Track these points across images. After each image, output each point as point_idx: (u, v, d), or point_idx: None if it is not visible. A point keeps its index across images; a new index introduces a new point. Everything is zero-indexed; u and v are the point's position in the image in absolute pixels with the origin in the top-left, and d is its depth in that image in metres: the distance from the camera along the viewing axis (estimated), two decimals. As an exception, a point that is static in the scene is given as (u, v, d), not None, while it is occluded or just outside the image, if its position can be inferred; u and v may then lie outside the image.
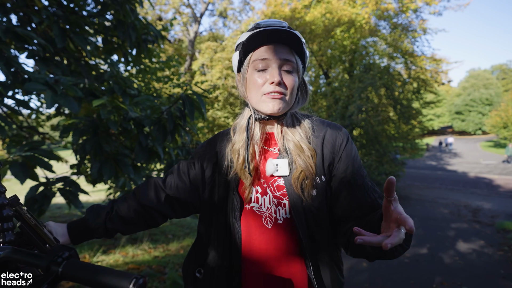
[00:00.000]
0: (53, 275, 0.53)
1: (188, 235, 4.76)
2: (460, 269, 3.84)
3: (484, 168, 17.31)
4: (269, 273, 0.91)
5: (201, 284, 0.98)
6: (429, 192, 10.89)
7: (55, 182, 1.98)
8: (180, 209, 1.05)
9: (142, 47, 2.89)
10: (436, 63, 12.08)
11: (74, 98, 1.85)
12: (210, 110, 13.11)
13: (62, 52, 2.48)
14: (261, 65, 0.84)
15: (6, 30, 1.75)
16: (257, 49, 0.85)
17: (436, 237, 5.32)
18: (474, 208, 8.04)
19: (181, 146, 2.50)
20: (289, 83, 0.85)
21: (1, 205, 0.69)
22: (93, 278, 0.52)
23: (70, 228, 0.94)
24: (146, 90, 4.57)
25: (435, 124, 42.42)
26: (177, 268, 3.35)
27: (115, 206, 0.99)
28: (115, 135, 2.23)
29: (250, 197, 0.93)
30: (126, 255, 3.68)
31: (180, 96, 2.03)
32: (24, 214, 0.74)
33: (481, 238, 5.20)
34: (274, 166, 0.91)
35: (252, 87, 0.87)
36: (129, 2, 2.63)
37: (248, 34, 0.85)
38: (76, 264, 0.54)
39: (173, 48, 15.01)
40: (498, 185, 12.16)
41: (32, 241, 0.74)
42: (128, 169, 2.07)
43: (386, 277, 3.54)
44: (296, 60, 0.86)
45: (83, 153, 2.03)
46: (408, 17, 11.52)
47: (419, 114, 12.09)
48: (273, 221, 0.91)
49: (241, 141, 0.95)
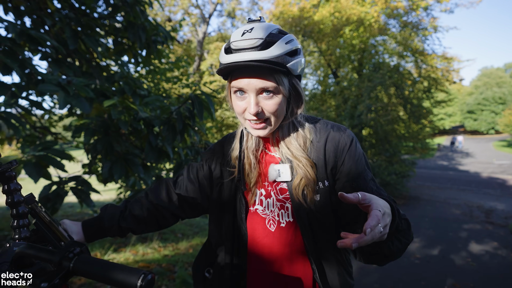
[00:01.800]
0: (64, 270, 0.55)
1: (197, 234, 4.79)
2: (472, 271, 3.77)
3: (497, 168, 16.93)
4: (274, 274, 0.91)
5: (210, 284, 0.99)
6: (441, 192, 10.71)
7: (67, 181, 2.01)
8: (190, 209, 1.07)
9: (151, 48, 2.92)
10: (447, 62, 11.86)
11: (86, 98, 1.88)
12: (218, 110, 13.14)
13: (74, 53, 2.52)
14: (238, 93, 0.84)
15: (21, 33, 1.78)
16: (234, 76, 0.83)
17: (448, 238, 5.23)
18: (487, 209, 7.87)
19: (190, 146, 2.51)
20: (269, 108, 0.82)
21: (16, 202, 0.71)
22: (103, 273, 0.53)
23: (85, 226, 0.95)
24: (155, 90, 4.61)
25: (446, 123, 41.68)
26: (187, 267, 3.38)
27: (129, 206, 1.01)
28: (125, 135, 2.25)
29: (254, 200, 0.94)
30: (137, 254, 3.72)
31: (189, 96, 2.04)
32: (39, 212, 0.75)
33: (494, 240, 5.09)
34: (276, 172, 0.91)
35: (236, 110, 0.87)
36: (139, 3, 2.66)
37: (223, 58, 0.81)
38: (86, 260, 0.55)
39: (182, 49, 15.11)
40: (511, 186, 11.88)
41: (47, 238, 0.76)
42: (138, 169, 2.09)
43: (396, 279, 3.49)
44: (276, 79, 0.80)
45: (94, 152, 2.06)
46: (419, 15, 11.34)
47: (430, 113, 11.88)
48: (276, 224, 0.91)
49: (238, 149, 0.96)
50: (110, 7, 2.61)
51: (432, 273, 3.69)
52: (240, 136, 0.97)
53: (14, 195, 0.71)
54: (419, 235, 5.32)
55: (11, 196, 0.71)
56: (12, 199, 0.71)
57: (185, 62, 5.41)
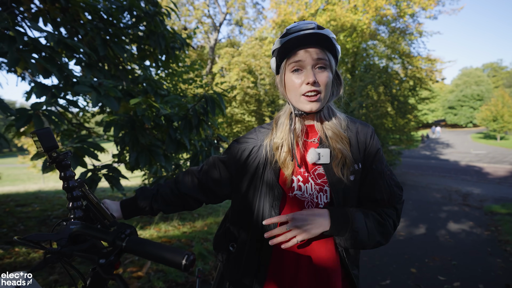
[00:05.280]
0: (118, 248, 0.56)
1: (211, 214, 4.85)
2: (450, 246, 3.76)
3: (474, 157, 16.66)
4: (300, 252, 0.88)
5: (234, 256, 0.98)
6: (423, 178, 10.61)
7: (100, 169, 2.05)
8: (212, 196, 1.03)
9: (170, 53, 2.92)
10: (431, 63, 11.59)
11: (115, 98, 1.90)
12: (228, 108, 13.12)
13: (103, 59, 2.54)
14: (296, 68, 0.82)
15: (58, 41, 1.80)
16: (291, 53, 0.82)
17: (429, 218, 5.20)
18: (464, 193, 7.79)
19: (205, 138, 2.53)
20: (323, 80, 0.81)
21: (71, 187, 0.73)
22: (152, 252, 0.53)
23: (123, 205, 0.96)
24: (174, 90, 4.62)
25: (429, 118, 40.91)
26: (202, 242, 3.43)
27: (160, 189, 1.01)
28: (149, 129, 2.28)
29: (293, 186, 0.89)
30: (159, 230, 3.79)
31: (203, 96, 2.05)
32: (88, 194, 0.77)
33: (470, 220, 5.06)
34: (316, 155, 0.86)
35: (291, 88, 0.84)
36: (159, 14, 2.65)
37: (281, 41, 0.82)
38: (136, 240, 0.56)
39: (196, 54, 15.03)
40: (487, 173, 11.71)
41: (95, 217, 0.78)
42: (160, 158, 2.12)
43: (383, 252, 3.51)
44: (328, 57, 0.82)
45: (122, 144, 2.09)
46: (406, 21, 11.06)
47: (415, 109, 11.69)
48: (315, 205, 0.88)
49: (283, 136, 0.90)
50: (134, 18, 2.61)
51: (414, 248, 3.69)
52: (289, 124, 0.91)
53: (69, 181, 0.73)
54: (404, 216, 5.30)
55: (67, 182, 0.73)
56: (68, 185, 0.73)
57: (199, 66, 5.40)
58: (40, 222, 3.92)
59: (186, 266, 0.50)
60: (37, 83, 1.86)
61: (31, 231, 3.51)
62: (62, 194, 6.50)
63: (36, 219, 4.07)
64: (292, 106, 0.88)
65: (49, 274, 2.32)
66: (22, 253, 2.74)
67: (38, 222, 3.91)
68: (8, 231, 3.47)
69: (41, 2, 2.26)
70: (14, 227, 3.63)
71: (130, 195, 6.17)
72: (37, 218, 4.13)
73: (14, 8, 2.13)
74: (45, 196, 6.29)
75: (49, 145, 0.69)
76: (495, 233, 4.28)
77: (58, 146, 0.71)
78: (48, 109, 1.75)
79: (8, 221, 3.86)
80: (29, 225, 3.73)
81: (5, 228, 3.55)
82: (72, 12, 2.30)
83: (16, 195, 6.46)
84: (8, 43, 1.67)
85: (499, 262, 3.24)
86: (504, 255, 3.44)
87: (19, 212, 4.46)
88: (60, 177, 0.72)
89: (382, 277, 2.91)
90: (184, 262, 0.50)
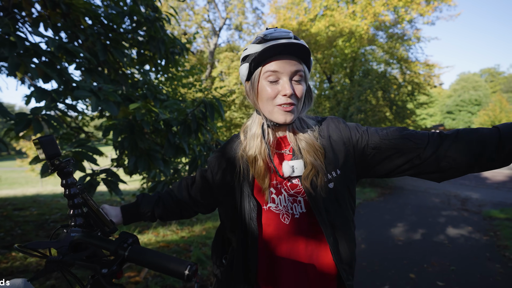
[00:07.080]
0: (120, 258, 0.56)
1: (210, 219, 4.83)
2: (449, 251, 3.75)
3: (472, 162, 16.66)
4: (291, 262, 0.86)
5: (224, 269, 0.99)
6: (422, 183, 10.61)
7: (99, 173, 2.04)
8: (204, 207, 1.05)
9: (170, 58, 2.94)
10: (429, 68, 11.68)
11: (114, 102, 1.90)
12: (227, 112, 13.14)
13: (103, 64, 2.55)
14: (272, 77, 0.78)
15: (59, 46, 1.81)
16: (267, 62, 0.79)
17: (427, 223, 5.19)
18: (463, 197, 7.79)
19: (203, 143, 2.54)
20: (299, 92, 0.79)
21: (73, 194, 0.72)
22: (155, 262, 0.53)
23: (124, 210, 0.96)
24: (173, 95, 4.63)
25: (427, 122, 40.94)
26: (201, 247, 3.41)
27: (161, 197, 1.02)
28: (148, 134, 2.28)
29: (266, 198, 0.87)
30: (158, 235, 3.77)
31: (202, 100, 2.06)
32: (88, 201, 0.76)
33: (469, 225, 5.05)
34: (290, 168, 0.84)
35: (265, 98, 0.81)
36: (158, 20, 2.67)
37: (257, 47, 0.79)
38: (139, 250, 0.56)
39: (195, 58, 15.10)
40: (485, 177, 11.72)
41: (95, 223, 0.77)
42: (159, 163, 2.12)
43: (382, 257, 3.50)
44: (304, 68, 0.80)
45: (121, 149, 2.09)
46: (403, 27, 11.17)
47: (413, 114, 11.74)
48: (290, 217, 0.86)
49: (257, 148, 0.87)
50: (134, 23, 2.63)
51: (413, 253, 3.68)
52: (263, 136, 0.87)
53: (71, 188, 0.72)
54: (403, 221, 5.30)
55: (68, 189, 0.72)
56: (69, 192, 0.72)
57: (198, 70, 5.42)
58: (38, 226, 3.90)
59: (189, 276, 0.50)
60: (37, 88, 1.87)
61: (28, 235, 3.49)
62: (60, 198, 6.47)
63: (33, 223, 4.04)
64: (263, 116, 0.85)
65: (46, 279, 2.30)
66: (19, 257, 2.72)
67: (35, 226, 3.89)
68: (5, 235, 3.45)
69: (42, 7, 2.28)
70: (11, 231, 3.61)
71: (128, 199, 6.14)
72: (35, 222, 4.10)
73: (15, 13, 2.15)
74: (43, 200, 6.26)
75: (52, 153, 0.69)
76: (494, 238, 4.28)
77: (60, 153, 0.71)
78: (47, 113, 1.76)
79: (6, 225, 3.84)
80: (26, 229, 3.71)
81: (2, 232, 3.53)
82: (73, 17, 2.32)
83: (14, 199, 6.42)
84: (9, 48, 1.68)
85: (498, 267, 3.23)
86: (503, 260, 3.44)
87: (17, 216, 4.44)
88: (62, 184, 0.72)
89: (381, 282, 2.90)
90: (187, 273, 0.50)
